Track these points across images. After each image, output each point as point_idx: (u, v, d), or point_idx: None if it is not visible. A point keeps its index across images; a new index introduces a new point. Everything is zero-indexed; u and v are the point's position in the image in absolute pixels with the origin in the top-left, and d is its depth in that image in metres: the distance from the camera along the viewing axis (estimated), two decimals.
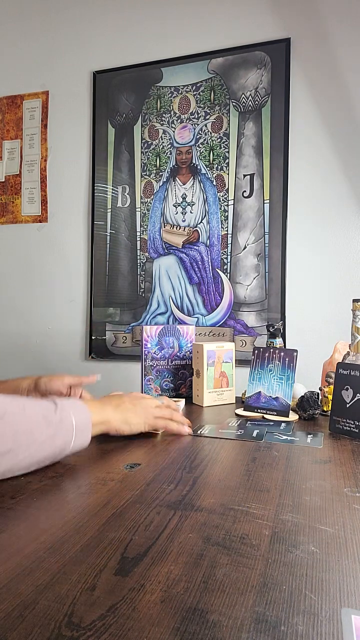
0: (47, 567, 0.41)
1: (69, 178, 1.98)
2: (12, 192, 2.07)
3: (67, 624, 0.33)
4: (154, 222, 1.85)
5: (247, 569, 0.41)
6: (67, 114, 1.98)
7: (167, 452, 0.74)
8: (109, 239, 1.91)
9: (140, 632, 0.33)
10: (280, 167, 1.68)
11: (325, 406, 1.03)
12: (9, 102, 2.07)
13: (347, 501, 0.56)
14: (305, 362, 1.45)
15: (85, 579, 0.39)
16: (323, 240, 1.64)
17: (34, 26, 2.03)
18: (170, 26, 1.83)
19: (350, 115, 1.61)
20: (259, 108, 1.71)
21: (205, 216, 1.78)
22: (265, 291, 1.70)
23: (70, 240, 1.98)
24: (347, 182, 1.61)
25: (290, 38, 1.66)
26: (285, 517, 0.52)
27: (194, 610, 0.35)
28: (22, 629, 0.33)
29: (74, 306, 1.97)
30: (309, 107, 1.65)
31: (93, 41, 1.94)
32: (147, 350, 1.20)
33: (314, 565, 0.42)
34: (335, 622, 0.34)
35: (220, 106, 1.76)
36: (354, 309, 0.99)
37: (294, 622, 0.34)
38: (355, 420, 0.86)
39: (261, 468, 0.67)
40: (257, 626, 0.33)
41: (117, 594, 0.37)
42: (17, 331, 2.05)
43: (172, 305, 1.82)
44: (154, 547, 0.44)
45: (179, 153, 1.81)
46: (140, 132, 1.87)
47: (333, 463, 0.71)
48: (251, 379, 1.05)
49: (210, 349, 1.14)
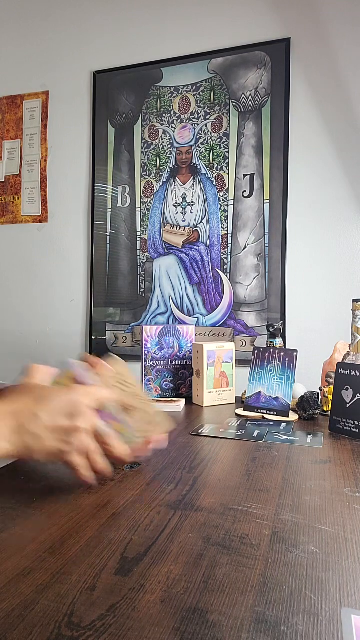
0: (47, 567, 0.41)
1: (69, 178, 1.98)
2: (12, 192, 2.07)
3: (67, 624, 0.33)
4: (154, 222, 1.85)
5: (247, 569, 0.41)
6: (67, 114, 1.98)
7: (167, 452, 0.74)
8: (109, 239, 1.91)
9: (140, 632, 0.33)
10: (280, 167, 1.68)
11: (325, 406, 1.03)
12: (9, 102, 2.07)
13: (347, 501, 0.56)
14: (305, 362, 1.45)
15: (85, 579, 0.39)
16: (323, 240, 1.64)
17: (34, 26, 2.03)
18: (170, 26, 1.83)
19: (350, 115, 1.61)
20: (259, 108, 1.71)
21: (205, 216, 1.78)
22: (265, 291, 1.70)
23: (70, 240, 1.98)
24: (347, 182, 1.61)
25: (290, 38, 1.66)
26: (285, 517, 0.52)
27: (194, 610, 0.35)
28: (22, 629, 0.33)
29: (74, 306, 1.97)
30: (309, 107, 1.65)
31: (93, 41, 1.94)
32: (147, 350, 1.20)
33: (314, 565, 0.42)
34: (335, 622, 0.34)
35: (220, 106, 1.76)
36: (354, 309, 0.99)
37: (294, 622, 0.34)
38: (355, 420, 0.86)
39: (261, 468, 0.67)
40: (257, 626, 0.33)
41: (117, 594, 0.37)
42: (17, 331, 2.05)
43: (172, 305, 1.82)
44: (154, 547, 0.44)
45: (179, 153, 1.81)
46: (140, 132, 1.87)
47: (333, 463, 0.71)
48: (251, 379, 1.05)
49: (210, 349, 1.14)
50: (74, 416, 0.51)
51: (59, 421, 0.50)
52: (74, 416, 0.51)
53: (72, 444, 0.51)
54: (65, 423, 0.51)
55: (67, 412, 0.51)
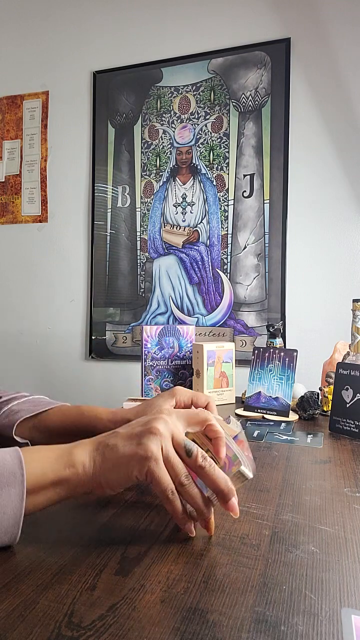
0: (47, 567, 0.41)
1: (69, 178, 1.98)
2: (12, 192, 2.07)
3: (67, 624, 0.33)
4: (154, 222, 1.85)
5: (247, 569, 0.41)
6: (67, 114, 1.98)
7: None
8: (109, 239, 1.91)
9: (140, 632, 0.33)
10: (280, 167, 1.68)
11: (325, 406, 1.03)
12: (9, 102, 2.07)
13: (347, 501, 0.56)
14: (305, 362, 1.46)
15: (85, 579, 0.39)
16: (323, 240, 1.64)
17: (34, 26, 2.03)
18: (170, 26, 1.83)
19: (350, 115, 1.61)
20: (259, 108, 1.71)
21: (205, 216, 1.78)
22: (265, 291, 1.70)
23: (70, 240, 1.98)
24: (347, 182, 1.61)
25: (290, 38, 1.66)
26: (285, 517, 0.52)
27: (194, 610, 0.35)
28: (22, 629, 0.33)
29: (74, 306, 1.97)
30: (309, 107, 1.65)
31: (93, 41, 1.94)
32: (147, 350, 1.20)
33: (314, 565, 0.42)
34: (335, 622, 0.34)
35: (220, 106, 1.76)
36: (354, 309, 0.99)
37: (294, 622, 0.34)
38: (355, 420, 0.86)
39: (261, 468, 0.67)
40: (257, 626, 0.33)
41: (117, 594, 0.37)
42: (18, 331, 2.05)
43: (172, 305, 1.82)
44: (154, 547, 0.44)
45: (179, 153, 1.81)
46: (140, 132, 1.87)
47: (333, 463, 0.71)
48: (251, 379, 1.05)
49: (210, 349, 1.14)
50: (149, 422, 0.46)
51: (135, 429, 0.46)
52: (149, 422, 0.46)
53: (147, 445, 0.44)
54: (140, 429, 0.46)
55: (144, 421, 0.47)
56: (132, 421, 0.49)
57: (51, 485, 0.44)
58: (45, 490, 0.44)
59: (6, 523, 0.41)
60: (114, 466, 0.44)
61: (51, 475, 0.44)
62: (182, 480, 0.44)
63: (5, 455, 0.43)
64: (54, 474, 0.44)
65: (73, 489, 0.45)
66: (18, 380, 2.03)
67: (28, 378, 2.02)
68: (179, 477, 0.44)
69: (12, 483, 0.42)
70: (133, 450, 0.44)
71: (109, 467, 0.44)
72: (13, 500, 0.41)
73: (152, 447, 0.44)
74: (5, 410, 0.70)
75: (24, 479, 0.42)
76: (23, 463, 0.43)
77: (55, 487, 0.44)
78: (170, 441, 0.45)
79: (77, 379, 1.95)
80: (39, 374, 2.01)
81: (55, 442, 0.68)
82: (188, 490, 0.44)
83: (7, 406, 0.71)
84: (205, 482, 0.45)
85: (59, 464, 0.44)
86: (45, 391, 2.03)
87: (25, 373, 2.03)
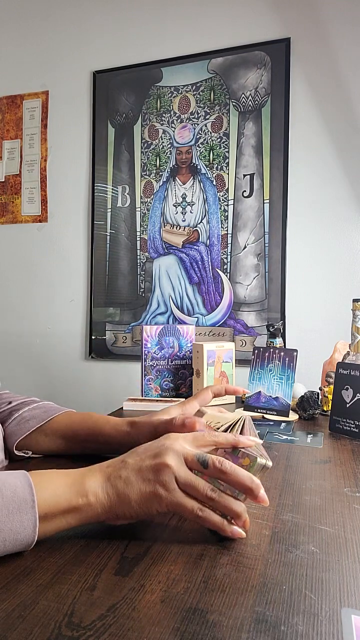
0: (47, 567, 0.41)
1: (69, 178, 1.98)
2: (12, 192, 2.07)
3: (67, 624, 0.33)
4: (154, 222, 1.85)
5: (247, 569, 0.41)
6: (67, 114, 1.98)
7: None
8: (109, 239, 1.91)
9: (140, 632, 0.33)
10: (280, 167, 1.68)
11: (325, 406, 1.03)
12: (9, 102, 2.07)
13: (347, 501, 0.56)
14: (305, 362, 1.46)
15: (85, 579, 0.39)
16: (323, 240, 1.64)
17: (34, 26, 2.03)
18: (170, 26, 1.83)
19: (350, 115, 1.61)
20: (258, 108, 1.71)
21: (205, 216, 1.78)
22: (265, 291, 1.70)
23: (70, 240, 1.98)
24: (347, 182, 1.61)
25: (290, 38, 1.66)
26: (285, 517, 0.52)
27: (194, 610, 0.35)
28: (22, 629, 0.33)
29: (74, 306, 1.97)
30: (309, 107, 1.65)
31: (93, 41, 1.94)
32: (147, 350, 1.20)
33: (314, 565, 0.42)
34: (335, 622, 0.34)
35: (220, 106, 1.76)
36: (354, 309, 0.99)
37: (294, 622, 0.34)
38: (355, 420, 0.86)
39: None
40: (257, 626, 0.33)
41: (117, 594, 0.37)
42: (18, 331, 2.05)
43: (172, 305, 1.82)
44: (154, 547, 0.44)
45: (179, 153, 1.81)
46: (140, 132, 1.87)
47: (333, 463, 0.71)
48: (251, 378, 1.05)
49: (210, 348, 1.14)
50: (158, 456, 0.46)
51: (145, 462, 0.46)
52: (158, 456, 0.46)
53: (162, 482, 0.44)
54: (150, 462, 0.46)
55: (153, 454, 0.47)
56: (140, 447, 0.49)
57: (62, 513, 0.43)
58: (55, 518, 0.43)
59: (18, 549, 0.42)
60: (134, 502, 0.44)
61: (64, 504, 0.43)
62: (209, 495, 0.45)
63: (16, 481, 0.43)
64: (66, 502, 0.44)
65: (84, 519, 0.44)
66: (18, 380, 2.03)
67: (28, 378, 2.02)
68: (204, 494, 0.45)
69: (24, 510, 0.41)
70: (150, 489, 0.44)
71: (126, 502, 0.44)
72: (26, 527, 0.41)
73: (168, 483, 0.44)
74: (16, 417, 0.70)
75: (34, 504, 0.42)
76: (34, 489, 0.43)
77: (65, 515, 0.44)
78: (182, 467, 0.46)
79: (77, 378, 1.95)
80: (39, 373, 2.01)
81: (59, 445, 0.70)
82: (219, 501, 0.45)
83: (17, 413, 0.71)
84: (231, 485, 0.46)
85: (72, 492, 0.44)
86: (45, 391, 2.03)
87: (25, 373, 2.03)
